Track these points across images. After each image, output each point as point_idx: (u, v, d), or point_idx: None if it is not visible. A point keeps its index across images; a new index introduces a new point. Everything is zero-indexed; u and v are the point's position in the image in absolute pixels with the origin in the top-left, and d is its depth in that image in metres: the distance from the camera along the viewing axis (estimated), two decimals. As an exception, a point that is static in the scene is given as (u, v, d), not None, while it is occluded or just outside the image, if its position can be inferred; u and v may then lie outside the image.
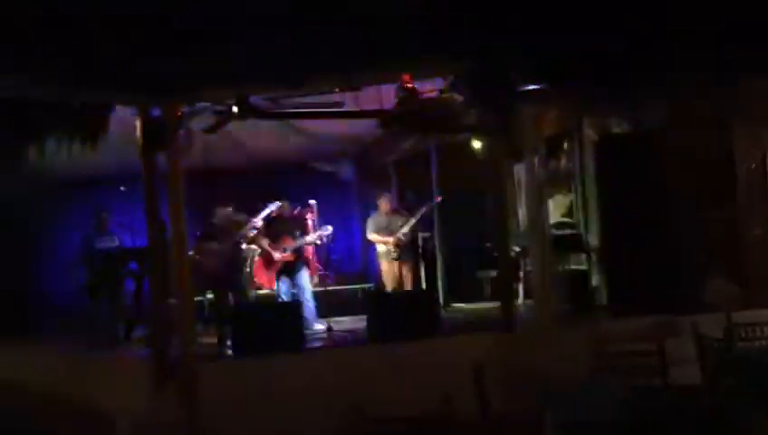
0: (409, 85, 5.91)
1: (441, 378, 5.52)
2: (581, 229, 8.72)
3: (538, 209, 6.09)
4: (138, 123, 5.63)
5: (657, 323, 6.16)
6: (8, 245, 9.42)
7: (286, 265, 7.28)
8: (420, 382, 5.49)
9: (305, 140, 9.45)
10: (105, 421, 5.30)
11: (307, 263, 7.38)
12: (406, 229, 7.68)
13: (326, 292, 7.93)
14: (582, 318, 6.65)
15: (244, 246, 7.11)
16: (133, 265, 7.61)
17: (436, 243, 9.02)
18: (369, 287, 9.21)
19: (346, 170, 11.56)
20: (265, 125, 8.38)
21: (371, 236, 7.81)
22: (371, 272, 10.74)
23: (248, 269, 7.53)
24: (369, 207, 11.00)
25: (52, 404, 6.16)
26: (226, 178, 10.01)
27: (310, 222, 7.67)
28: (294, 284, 7.21)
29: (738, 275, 6.66)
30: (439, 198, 8.43)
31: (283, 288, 7.26)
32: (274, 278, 7.47)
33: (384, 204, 7.97)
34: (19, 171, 5.51)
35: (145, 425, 5.22)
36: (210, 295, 7.06)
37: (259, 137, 9.20)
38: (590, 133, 8.39)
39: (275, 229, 7.49)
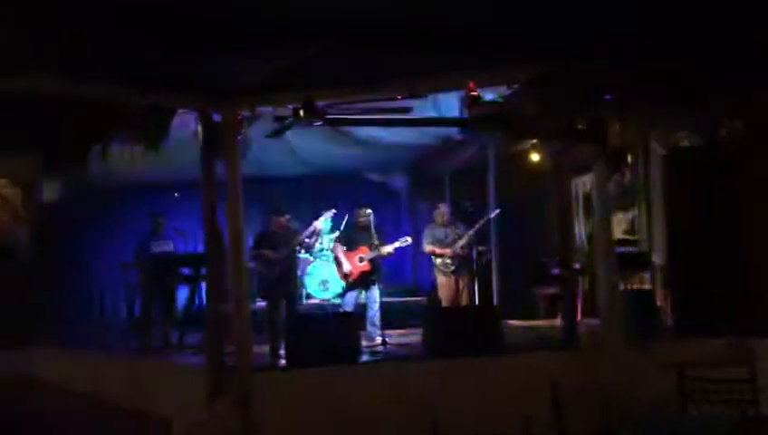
0: (474, 93, 5.72)
1: (506, 397, 5.35)
2: (644, 247, 8.43)
3: (606, 225, 5.82)
4: (198, 128, 5.56)
5: (730, 347, 5.85)
6: (65, 248, 9.54)
7: (362, 276, 7.09)
8: (484, 401, 5.31)
9: (358, 149, 9.38)
10: (160, 427, 5.21)
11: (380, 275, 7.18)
12: (464, 242, 7.46)
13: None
14: (649, 339, 6.32)
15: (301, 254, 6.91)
16: (187, 271, 7.58)
17: (493, 257, 8.77)
18: (421, 300, 9.00)
19: (397, 181, 11.44)
20: (319, 133, 8.33)
21: (428, 248, 7.61)
22: (421, 284, 10.57)
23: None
24: (419, 219, 10.91)
25: (106, 409, 6.13)
26: (279, 185, 10.00)
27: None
28: (367, 295, 7.02)
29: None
30: (497, 211, 8.18)
31: (350, 299, 7.08)
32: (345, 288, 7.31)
33: (440, 215, 7.76)
34: (81, 173, 5.43)
35: (199, 433, 5.11)
36: (262, 303, 6.92)
37: (313, 145, 9.18)
38: (655, 147, 8.11)
39: (351, 238, 7.32)
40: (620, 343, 5.70)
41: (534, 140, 8.66)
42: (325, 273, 9.30)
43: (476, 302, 7.58)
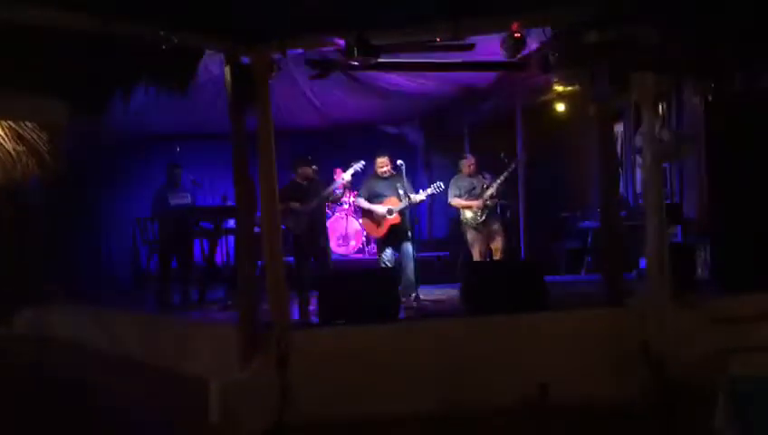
0: (518, 35, 5.37)
1: (555, 354, 5.15)
2: (675, 199, 8.19)
3: (657, 176, 5.54)
4: (226, 70, 5.21)
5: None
6: (80, 202, 9.20)
7: (393, 229, 6.68)
8: (531, 358, 5.10)
9: (376, 100, 9.03)
10: (194, 387, 4.98)
11: (412, 227, 6.77)
12: (493, 191, 7.13)
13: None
14: (691, 294, 6.12)
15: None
16: (207, 224, 7.28)
17: (520, 210, 8.50)
18: (442, 256, 8.75)
19: (414, 133, 11.08)
20: (336, 82, 7.97)
21: (454, 201, 7.28)
22: (438, 238, 10.32)
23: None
24: (435, 172, 10.59)
25: (133, 369, 5.90)
26: (293, 137, 9.64)
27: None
28: (402, 250, 6.62)
29: None
30: (524, 158, 7.83)
31: (387, 254, 6.69)
32: (378, 243, 6.95)
33: (467, 165, 7.40)
34: (102, 120, 5.09)
35: (237, 393, 4.88)
36: (290, 259, 6.61)
37: (330, 95, 8.83)
38: (689, 96, 7.80)
39: (374, 189, 6.88)
40: (668, 299, 5.48)
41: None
42: (343, 227, 9.04)
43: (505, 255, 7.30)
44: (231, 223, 7.15)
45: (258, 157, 5.26)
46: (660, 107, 8.19)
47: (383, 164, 6.89)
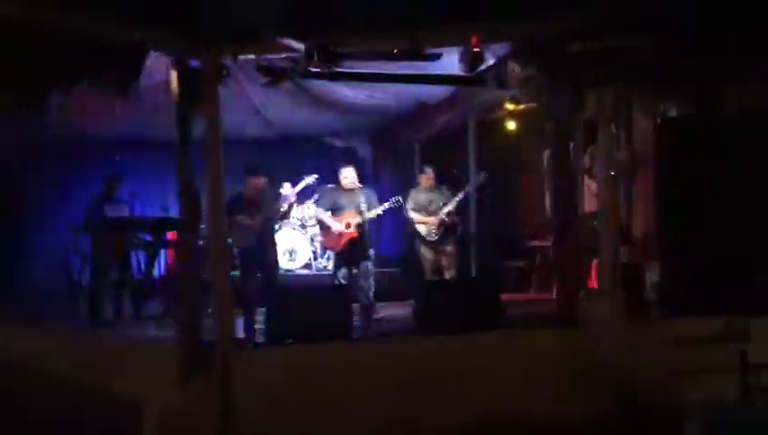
0: (477, 49, 5.28)
1: (510, 375, 5.01)
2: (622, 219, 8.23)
3: (611, 195, 5.51)
4: (173, 73, 4.93)
5: (723, 325, 5.66)
6: (8, 205, 8.65)
7: (351, 244, 6.47)
8: (486, 379, 4.95)
9: (326, 112, 8.83)
10: (126, 410, 4.63)
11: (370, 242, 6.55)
12: (450, 208, 6.99)
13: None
14: (642, 314, 6.10)
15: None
16: (147, 237, 6.92)
17: (470, 228, 8.40)
18: (393, 271, 8.56)
19: (363, 147, 10.90)
20: (286, 93, 7.74)
21: (410, 214, 7.11)
22: (386, 255, 10.14)
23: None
24: (384, 188, 10.42)
25: (59, 388, 5.48)
26: (239, 148, 9.31)
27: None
28: (359, 266, 6.41)
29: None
30: (485, 175, 7.75)
31: (343, 271, 6.45)
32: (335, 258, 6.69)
33: (426, 179, 7.25)
34: (36, 123, 4.73)
35: (174, 415, 4.57)
36: (235, 274, 6.30)
37: (280, 106, 8.58)
38: (639, 115, 7.88)
39: (335, 202, 6.70)
40: (622, 319, 5.43)
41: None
42: (292, 242, 8.77)
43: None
44: (171, 235, 6.83)
45: (204, 167, 4.98)
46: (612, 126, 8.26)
47: (347, 176, 6.66)
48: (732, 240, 6.34)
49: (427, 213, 7.07)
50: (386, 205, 6.63)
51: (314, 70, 4.75)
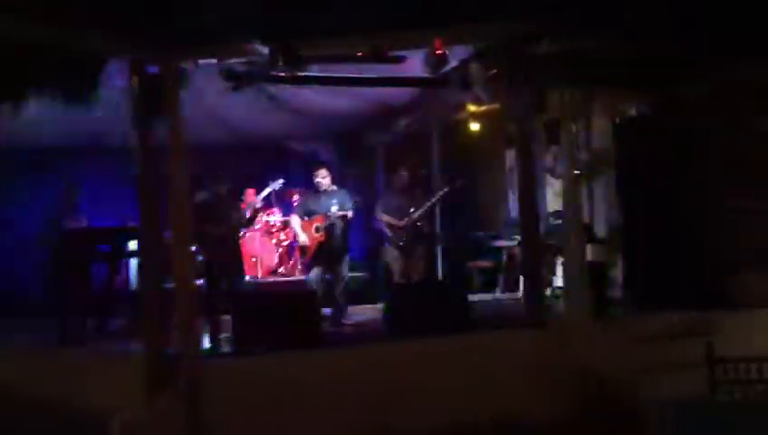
0: (440, 52, 5.28)
1: (480, 377, 5.01)
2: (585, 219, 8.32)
3: (574, 195, 5.56)
4: (133, 79, 4.82)
5: (688, 321, 5.75)
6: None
7: (322, 248, 6.38)
8: (459, 383, 4.94)
9: (288, 116, 8.73)
10: (93, 427, 4.50)
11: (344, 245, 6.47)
12: (420, 213, 6.97)
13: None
14: (607, 313, 6.17)
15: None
16: (106, 248, 6.73)
17: (436, 230, 8.40)
18: (362, 275, 8.52)
19: (326, 151, 10.82)
20: (246, 99, 7.62)
21: (381, 216, 7.07)
22: (356, 259, 10.08)
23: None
24: (347, 191, 10.34)
25: (21, 405, 5.30)
26: (199, 154, 9.17)
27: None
28: (334, 269, 6.35)
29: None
30: (461, 181, 7.74)
31: (313, 274, 6.39)
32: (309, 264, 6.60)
33: (400, 180, 7.23)
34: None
35: (141, 431, 4.45)
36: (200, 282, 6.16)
37: (240, 110, 8.45)
38: (598, 118, 7.97)
39: (308, 206, 6.69)
40: (588, 317, 5.49)
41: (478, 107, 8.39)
42: (254, 248, 8.65)
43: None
44: (133, 245, 6.67)
45: (167, 173, 4.87)
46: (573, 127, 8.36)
47: (324, 175, 6.62)
48: (692, 237, 6.49)
49: (397, 216, 7.04)
50: (349, 207, 6.58)
51: (278, 74, 4.68)
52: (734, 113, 6.44)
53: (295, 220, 6.62)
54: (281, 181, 6.58)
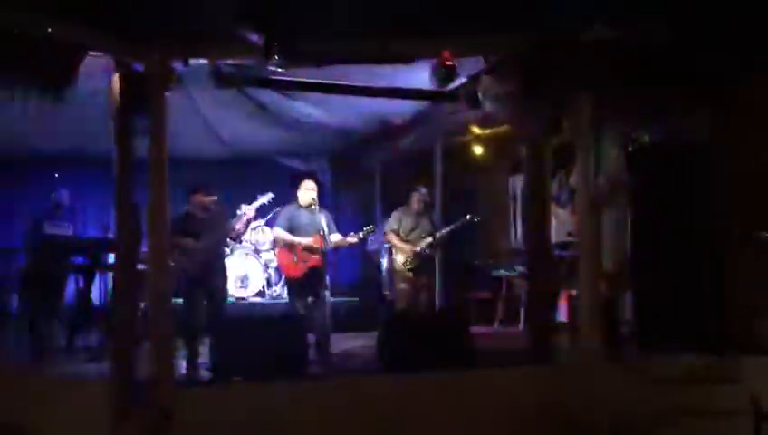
0: (450, 63, 4.91)
1: (481, 418, 4.56)
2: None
3: (591, 223, 5.15)
4: (115, 78, 4.41)
5: (712, 365, 5.33)
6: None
7: (312, 271, 5.89)
8: (458, 421, 4.48)
9: (282, 130, 8.35)
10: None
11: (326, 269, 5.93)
12: (432, 240, 6.48)
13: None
14: (619, 352, 5.74)
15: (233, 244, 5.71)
16: (81, 259, 6.29)
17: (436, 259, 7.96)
18: (354, 301, 8.06)
19: (321, 169, 10.42)
20: (240, 109, 7.27)
21: (390, 236, 6.58)
22: (342, 283, 9.63)
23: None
24: (343, 211, 9.94)
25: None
26: (189, 167, 8.75)
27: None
28: (319, 294, 5.79)
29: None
30: (476, 218, 7.30)
31: (304, 300, 5.79)
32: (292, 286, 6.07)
33: (418, 200, 6.74)
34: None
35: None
36: (179, 301, 5.68)
37: (233, 122, 8.08)
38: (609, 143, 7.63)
39: (295, 223, 6.08)
40: (602, 357, 5.05)
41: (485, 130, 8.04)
42: (244, 268, 8.21)
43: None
44: (111, 258, 6.22)
45: (147, 183, 4.45)
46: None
47: (309, 187, 6.05)
48: (713, 273, 6.08)
49: (407, 239, 6.57)
50: (361, 234, 6.08)
51: (271, 77, 4.29)
52: (759, 140, 6.11)
53: (281, 232, 6.03)
54: (271, 195, 6.13)
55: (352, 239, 6.05)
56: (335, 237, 5.99)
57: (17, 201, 7.75)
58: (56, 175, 7.45)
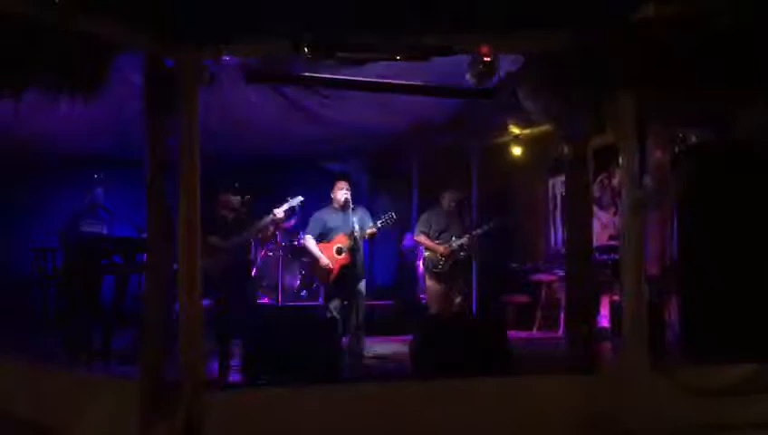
0: (488, 59, 4.74)
1: (518, 429, 4.38)
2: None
3: (636, 227, 4.92)
4: (147, 77, 4.36)
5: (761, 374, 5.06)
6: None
7: (344, 271, 5.81)
8: (494, 430, 4.32)
9: (318, 130, 8.26)
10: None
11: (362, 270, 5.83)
12: (463, 241, 6.34)
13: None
14: (662, 360, 5.49)
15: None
16: (117, 259, 6.26)
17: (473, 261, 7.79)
18: (389, 304, 7.92)
19: (357, 171, 10.32)
20: (275, 110, 7.19)
21: (420, 237, 6.46)
22: (379, 285, 9.50)
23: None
24: (379, 213, 9.78)
25: (14, 429, 4.82)
26: (218, 168, 8.73)
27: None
28: (350, 297, 5.68)
29: None
30: (509, 219, 7.12)
31: (335, 303, 5.74)
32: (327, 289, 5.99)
33: (449, 200, 6.61)
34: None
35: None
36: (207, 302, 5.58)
37: (268, 122, 8.00)
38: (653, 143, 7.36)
39: (325, 224, 6.05)
40: (645, 365, 4.83)
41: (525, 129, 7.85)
42: (275, 271, 8.13)
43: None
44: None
45: (179, 182, 4.38)
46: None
47: (342, 187, 6.00)
48: (759, 275, 5.81)
49: (438, 239, 6.42)
50: (379, 223, 5.98)
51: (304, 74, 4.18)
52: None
53: (310, 241, 5.99)
54: (300, 198, 6.02)
55: (372, 230, 5.93)
56: (363, 231, 5.89)
57: (52, 201, 7.76)
58: (95, 175, 7.48)
